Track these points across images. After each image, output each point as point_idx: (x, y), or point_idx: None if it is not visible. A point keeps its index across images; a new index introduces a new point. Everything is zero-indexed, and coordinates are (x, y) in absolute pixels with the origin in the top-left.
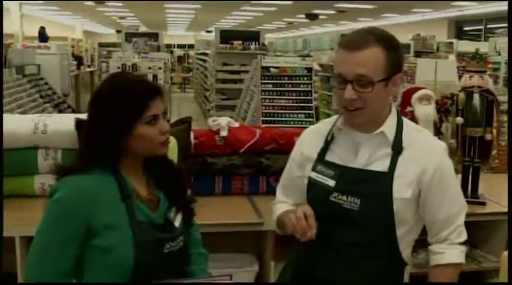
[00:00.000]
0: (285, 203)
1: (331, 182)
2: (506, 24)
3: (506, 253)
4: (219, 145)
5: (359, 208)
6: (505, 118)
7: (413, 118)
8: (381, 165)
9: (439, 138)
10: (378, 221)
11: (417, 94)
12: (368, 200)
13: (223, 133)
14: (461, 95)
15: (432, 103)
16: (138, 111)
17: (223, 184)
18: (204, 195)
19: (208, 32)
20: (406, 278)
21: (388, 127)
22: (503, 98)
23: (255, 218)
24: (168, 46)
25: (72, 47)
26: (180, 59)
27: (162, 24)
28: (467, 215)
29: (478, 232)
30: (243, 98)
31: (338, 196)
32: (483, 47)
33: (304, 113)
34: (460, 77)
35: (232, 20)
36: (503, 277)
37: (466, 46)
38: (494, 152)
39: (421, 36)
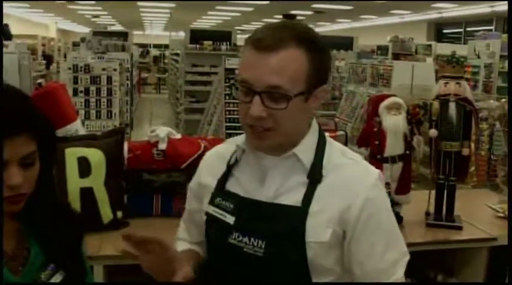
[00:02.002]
0: (184, 241)
1: (230, 219)
2: (486, 27)
3: None
4: (157, 159)
5: (264, 253)
6: (484, 125)
7: (381, 130)
8: (293, 198)
9: (407, 153)
10: (288, 270)
11: (385, 103)
12: (275, 243)
13: (162, 146)
14: (435, 104)
15: (402, 113)
16: None
17: (163, 203)
18: (141, 216)
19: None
20: None
21: (304, 148)
22: (483, 104)
23: None
24: (144, 46)
25: (43, 45)
26: (156, 59)
27: (139, 24)
28: (443, 242)
29: (454, 258)
30: (211, 101)
31: (239, 237)
32: (462, 49)
33: None
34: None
35: (208, 20)
36: None
37: (445, 48)
38: (472, 169)
39: (400, 38)
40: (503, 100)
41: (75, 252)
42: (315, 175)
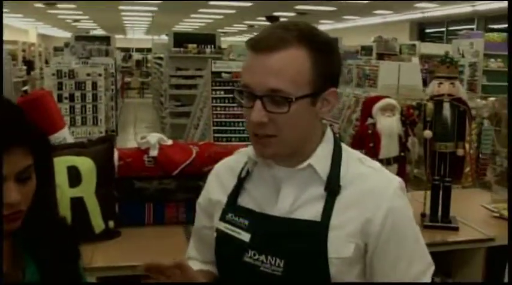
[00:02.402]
0: (195, 261)
1: (246, 236)
2: (467, 26)
3: None
4: (148, 167)
5: (283, 272)
6: (473, 124)
7: (375, 132)
8: (311, 212)
9: (402, 154)
10: None
11: (379, 104)
12: (294, 261)
13: (153, 152)
14: (430, 105)
15: (396, 114)
16: None
17: (155, 212)
18: (133, 225)
19: (167, 35)
20: None
21: (319, 158)
22: (471, 103)
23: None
24: (127, 50)
25: (23, 51)
26: (139, 63)
27: (120, 28)
28: (440, 244)
29: (451, 260)
30: (197, 105)
31: (255, 255)
32: (446, 49)
33: None
34: (424, 80)
35: (191, 23)
36: None
37: (429, 48)
38: (467, 169)
39: (383, 38)
40: (492, 98)
41: (72, 272)
42: (333, 187)
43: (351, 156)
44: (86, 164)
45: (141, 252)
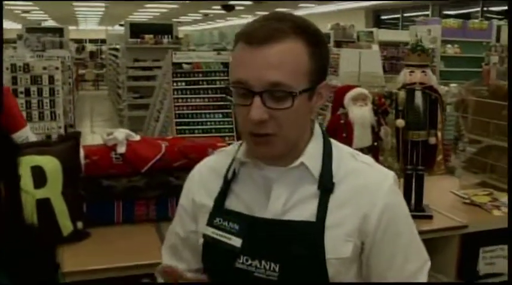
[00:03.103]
0: None
1: (236, 242)
2: (422, 13)
3: None
4: (116, 164)
5: (279, 277)
6: None
7: (348, 122)
8: (304, 212)
9: (375, 144)
10: None
11: (351, 94)
12: (290, 265)
13: (121, 149)
14: (402, 94)
15: (368, 104)
16: None
17: (124, 210)
18: (102, 225)
19: (121, 25)
20: None
21: (311, 156)
22: None
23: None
24: (80, 41)
25: None
26: (93, 55)
27: (72, 19)
28: None
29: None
30: (156, 97)
31: (247, 261)
32: (403, 35)
33: (222, 113)
34: (384, 67)
35: (146, 13)
36: None
37: (387, 35)
38: (439, 157)
39: (341, 25)
40: (453, 85)
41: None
42: (326, 185)
43: (342, 151)
44: (51, 163)
45: (113, 253)
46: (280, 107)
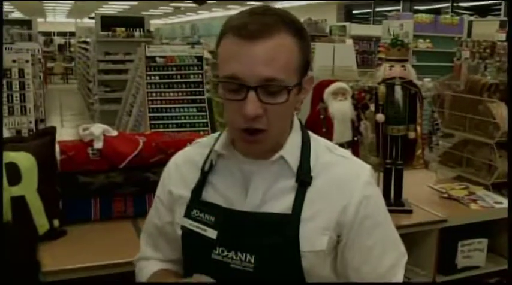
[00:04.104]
0: (154, 261)
1: (212, 233)
2: (394, 7)
3: None
4: (93, 160)
5: (254, 268)
6: None
7: (327, 117)
8: (281, 205)
9: (355, 139)
10: (282, 284)
11: (331, 88)
12: (265, 256)
13: (98, 145)
14: (382, 88)
15: (348, 98)
16: None
17: (102, 207)
18: (79, 222)
19: (91, 18)
20: None
21: (290, 149)
22: None
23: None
24: (48, 34)
25: None
26: (61, 48)
27: (40, 11)
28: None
29: (404, 242)
30: (129, 90)
31: (223, 252)
32: (376, 30)
33: (196, 106)
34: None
35: (116, 6)
36: None
37: (359, 29)
38: (418, 152)
39: (313, 20)
40: (427, 79)
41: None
42: (303, 178)
43: (320, 144)
44: (25, 160)
45: (91, 251)
46: (276, 102)
